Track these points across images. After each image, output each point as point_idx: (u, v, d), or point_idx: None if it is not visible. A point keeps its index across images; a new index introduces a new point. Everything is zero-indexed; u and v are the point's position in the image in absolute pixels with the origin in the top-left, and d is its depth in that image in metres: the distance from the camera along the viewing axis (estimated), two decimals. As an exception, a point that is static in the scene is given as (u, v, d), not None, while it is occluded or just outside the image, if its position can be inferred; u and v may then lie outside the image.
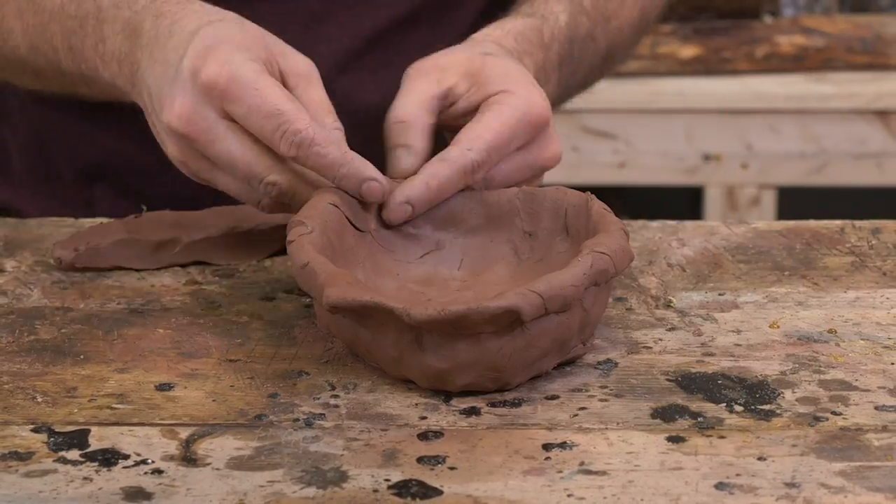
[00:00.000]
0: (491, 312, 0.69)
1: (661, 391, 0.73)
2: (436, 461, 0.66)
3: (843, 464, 0.66)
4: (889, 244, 0.93)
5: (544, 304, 0.70)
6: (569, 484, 0.64)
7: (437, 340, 0.71)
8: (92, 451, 0.68)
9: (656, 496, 0.63)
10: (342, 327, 0.74)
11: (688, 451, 0.67)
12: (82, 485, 0.65)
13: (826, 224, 0.96)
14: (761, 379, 0.74)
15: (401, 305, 0.70)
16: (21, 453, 0.67)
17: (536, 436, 0.69)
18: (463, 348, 0.71)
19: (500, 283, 0.80)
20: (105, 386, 0.74)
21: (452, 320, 0.69)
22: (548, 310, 0.70)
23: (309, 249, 0.74)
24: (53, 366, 0.76)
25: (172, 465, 0.66)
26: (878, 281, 0.87)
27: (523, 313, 0.69)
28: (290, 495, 0.64)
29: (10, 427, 0.70)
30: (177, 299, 0.85)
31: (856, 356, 0.77)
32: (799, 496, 0.63)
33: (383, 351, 0.72)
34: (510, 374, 0.72)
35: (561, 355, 0.74)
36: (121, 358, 0.77)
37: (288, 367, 0.76)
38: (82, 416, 0.71)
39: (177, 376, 0.75)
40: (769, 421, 0.70)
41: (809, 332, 0.80)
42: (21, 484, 0.65)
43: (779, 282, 0.87)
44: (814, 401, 0.72)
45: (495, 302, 0.69)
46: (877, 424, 0.70)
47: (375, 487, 0.64)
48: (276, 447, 0.68)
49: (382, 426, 0.70)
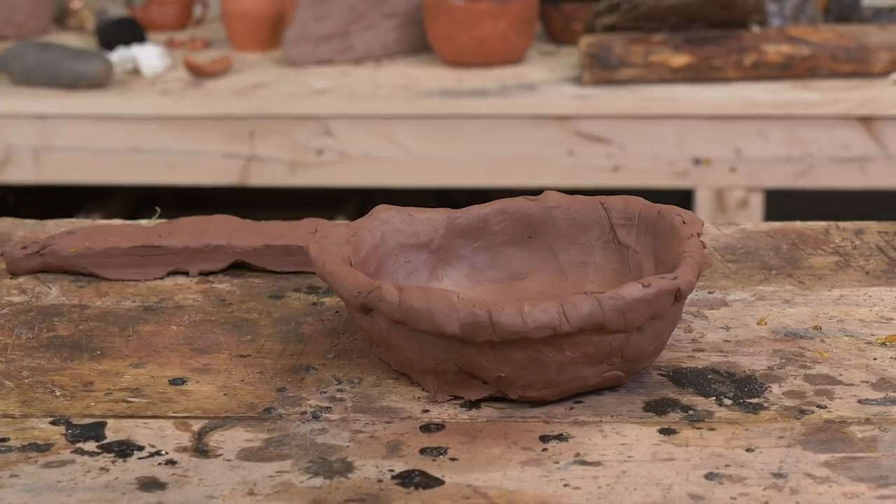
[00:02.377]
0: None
1: (653, 385, 0.73)
2: (437, 452, 0.66)
3: (827, 455, 0.66)
4: (872, 244, 0.93)
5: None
6: (565, 474, 0.64)
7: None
8: (108, 443, 0.68)
9: (648, 486, 0.63)
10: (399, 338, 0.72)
11: (679, 443, 0.67)
12: (99, 475, 0.65)
13: (811, 225, 0.96)
14: (749, 374, 0.74)
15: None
16: (40, 445, 0.67)
17: (534, 428, 0.69)
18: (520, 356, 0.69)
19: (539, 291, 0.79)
20: (121, 380, 0.74)
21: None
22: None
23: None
24: (71, 361, 0.77)
25: (185, 456, 0.66)
26: (861, 280, 0.87)
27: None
28: (298, 485, 0.64)
29: (30, 420, 0.70)
30: (189, 297, 0.85)
31: (840, 352, 0.77)
32: (785, 486, 0.63)
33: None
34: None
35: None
36: (136, 353, 0.77)
37: (296, 362, 0.76)
38: (99, 410, 0.71)
39: (189, 371, 0.75)
40: (757, 414, 0.70)
41: (795, 329, 0.80)
42: (40, 474, 0.65)
43: (766, 280, 0.87)
44: (800, 395, 0.72)
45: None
46: (860, 417, 0.70)
47: (380, 477, 0.64)
48: (284, 439, 0.68)
49: (386, 419, 0.70)
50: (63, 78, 2.05)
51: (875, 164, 1.90)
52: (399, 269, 0.79)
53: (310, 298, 0.85)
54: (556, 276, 0.80)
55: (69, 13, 2.49)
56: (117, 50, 2.23)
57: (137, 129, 2.01)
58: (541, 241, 0.81)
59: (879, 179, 1.91)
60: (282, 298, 0.85)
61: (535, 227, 0.81)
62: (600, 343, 0.69)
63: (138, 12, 2.48)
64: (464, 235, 0.81)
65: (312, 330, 0.80)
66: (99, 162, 2.03)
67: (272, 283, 0.87)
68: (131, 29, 2.31)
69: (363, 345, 0.78)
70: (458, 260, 0.80)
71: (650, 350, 0.71)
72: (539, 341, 0.68)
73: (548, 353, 0.68)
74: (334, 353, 0.77)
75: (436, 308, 0.68)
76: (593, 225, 0.80)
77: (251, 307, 0.84)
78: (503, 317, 0.67)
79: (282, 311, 0.83)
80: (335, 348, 0.78)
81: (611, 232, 0.80)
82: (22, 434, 0.68)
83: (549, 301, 0.67)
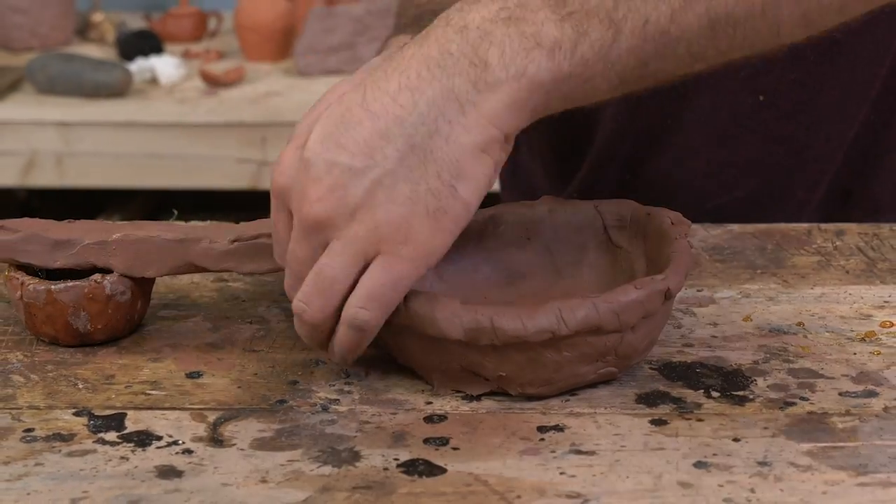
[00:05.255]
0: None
1: (644, 378, 0.73)
2: (440, 442, 0.66)
3: (810, 444, 0.66)
4: (851, 245, 0.92)
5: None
6: (561, 463, 0.64)
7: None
8: (128, 433, 0.68)
9: (640, 474, 0.63)
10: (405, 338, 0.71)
11: (669, 433, 0.67)
12: (119, 463, 0.65)
13: (794, 227, 0.96)
14: (736, 367, 0.74)
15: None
16: (64, 435, 0.67)
17: (532, 419, 0.69)
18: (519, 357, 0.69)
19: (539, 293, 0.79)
20: (140, 374, 0.74)
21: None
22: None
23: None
24: (93, 355, 0.76)
25: (201, 445, 0.66)
26: (841, 278, 0.87)
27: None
28: (308, 473, 0.64)
29: (54, 411, 0.70)
30: (205, 295, 0.85)
31: (821, 347, 0.77)
32: (770, 474, 0.63)
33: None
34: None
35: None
36: (154, 348, 0.77)
37: (306, 356, 0.76)
38: (119, 402, 0.71)
39: (205, 365, 0.75)
40: (743, 406, 0.70)
41: (779, 325, 0.80)
42: (64, 462, 0.65)
43: (752, 279, 0.87)
44: (783, 387, 0.72)
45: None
46: (840, 409, 0.70)
47: (385, 466, 0.64)
48: (295, 429, 0.68)
49: (392, 410, 0.70)
50: (85, 87, 2.06)
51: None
52: None
53: (319, 296, 0.84)
54: (553, 275, 0.80)
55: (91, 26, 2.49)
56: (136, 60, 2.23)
57: (155, 136, 2.01)
58: (538, 243, 0.81)
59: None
60: (292, 296, 0.85)
61: (532, 230, 0.81)
62: (596, 343, 0.68)
63: (156, 25, 2.49)
64: (466, 238, 0.80)
65: (322, 326, 0.80)
66: (119, 166, 2.03)
67: (283, 280, 0.87)
68: (149, 41, 2.32)
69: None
70: (460, 261, 0.80)
71: (642, 346, 0.71)
72: (538, 344, 0.67)
73: (546, 354, 0.68)
74: (342, 347, 0.77)
75: (440, 314, 0.68)
76: (588, 227, 0.80)
77: (264, 304, 0.83)
78: (504, 322, 0.67)
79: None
80: (343, 343, 0.78)
81: (604, 233, 0.80)
82: (46, 425, 0.68)
83: (547, 306, 0.67)
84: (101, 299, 0.76)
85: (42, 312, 0.75)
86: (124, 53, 2.27)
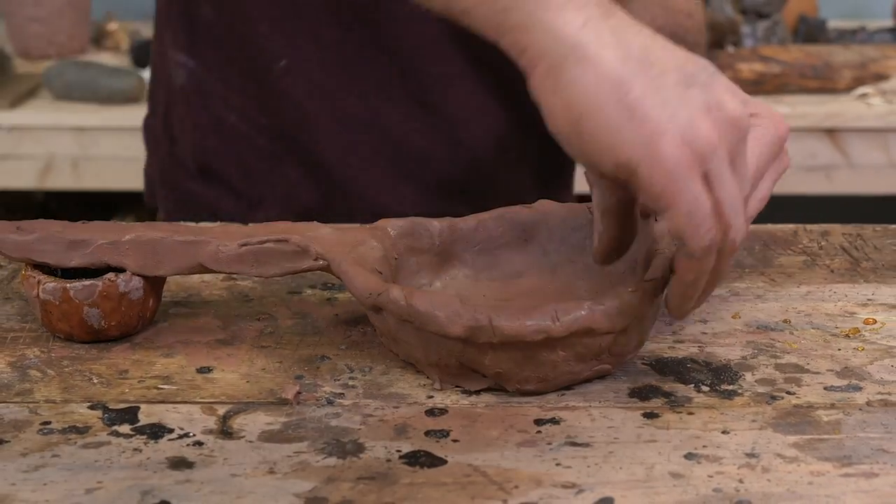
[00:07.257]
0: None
1: (637, 373, 0.73)
2: (441, 434, 0.66)
3: (796, 437, 0.66)
4: (836, 245, 0.92)
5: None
6: (557, 454, 0.64)
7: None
8: (141, 426, 0.68)
9: (633, 465, 0.63)
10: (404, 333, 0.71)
11: (661, 426, 0.67)
12: (132, 455, 0.65)
13: (781, 227, 0.96)
14: (725, 363, 0.74)
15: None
16: (79, 427, 0.67)
17: (529, 412, 0.69)
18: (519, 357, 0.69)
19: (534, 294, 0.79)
20: (152, 369, 0.74)
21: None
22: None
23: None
24: (107, 351, 0.76)
25: (211, 437, 0.66)
26: (826, 277, 0.87)
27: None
28: (314, 464, 0.64)
29: (70, 405, 0.70)
30: (215, 293, 0.85)
31: (807, 343, 0.77)
32: (758, 465, 0.63)
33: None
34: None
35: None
36: (166, 344, 0.77)
37: (312, 352, 0.76)
38: (133, 395, 0.71)
39: (215, 360, 0.75)
40: (732, 399, 0.70)
41: (767, 322, 0.80)
42: (79, 454, 0.65)
43: (740, 278, 0.87)
44: (771, 382, 0.72)
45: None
46: (826, 402, 0.70)
47: (388, 457, 0.64)
48: (301, 422, 0.68)
49: (394, 404, 0.70)
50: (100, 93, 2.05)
51: (839, 172, 1.90)
52: (405, 267, 0.79)
53: (324, 294, 0.85)
54: (549, 274, 0.80)
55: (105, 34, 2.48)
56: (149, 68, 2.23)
57: (167, 140, 2.00)
58: (535, 244, 0.81)
59: (843, 186, 1.91)
60: (299, 294, 0.85)
61: (530, 231, 0.81)
62: (590, 343, 0.69)
63: (168, 34, 2.48)
64: (465, 239, 0.81)
65: (327, 323, 0.80)
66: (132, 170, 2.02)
67: (290, 280, 0.87)
68: (162, 49, 2.31)
69: (373, 337, 0.78)
70: (460, 261, 0.80)
71: (634, 344, 0.71)
72: (535, 343, 0.68)
73: (543, 353, 0.68)
74: (347, 344, 0.77)
75: (440, 312, 0.68)
76: (582, 228, 0.80)
77: (271, 302, 0.84)
78: (502, 321, 0.67)
79: (299, 306, 0.83)
80: (348, 340, 0.78)
81: None
82: (63, 418, 0.68)
83: (544, 307, 0.67)
84: (114, 297, 0.76)
85: (58, 310, 0.76)
86: (138, 61, 2.26)
